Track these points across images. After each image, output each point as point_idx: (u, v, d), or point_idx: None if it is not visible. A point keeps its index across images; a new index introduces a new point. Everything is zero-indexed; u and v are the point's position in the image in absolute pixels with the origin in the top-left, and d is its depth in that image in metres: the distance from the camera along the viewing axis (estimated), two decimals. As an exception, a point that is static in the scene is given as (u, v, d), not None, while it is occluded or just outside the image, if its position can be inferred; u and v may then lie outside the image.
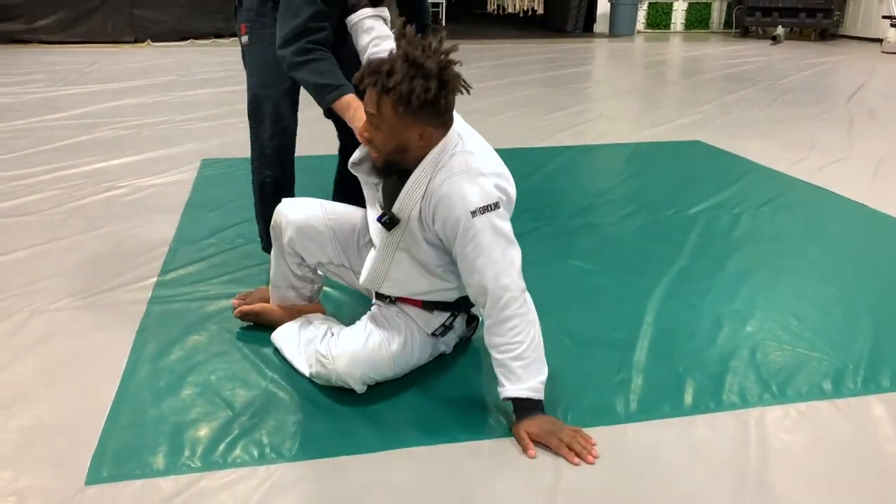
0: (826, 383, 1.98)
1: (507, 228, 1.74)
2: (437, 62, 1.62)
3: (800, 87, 6.84)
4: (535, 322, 1.75)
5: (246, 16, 2.33)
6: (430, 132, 1.70)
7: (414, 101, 1.60)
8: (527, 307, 1.74)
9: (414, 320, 1.93)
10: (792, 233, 3.12)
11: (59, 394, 1.90)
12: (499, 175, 1.79)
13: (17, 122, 4.94)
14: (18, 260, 2.74)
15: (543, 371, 1.74)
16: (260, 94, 2.36)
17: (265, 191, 2.47)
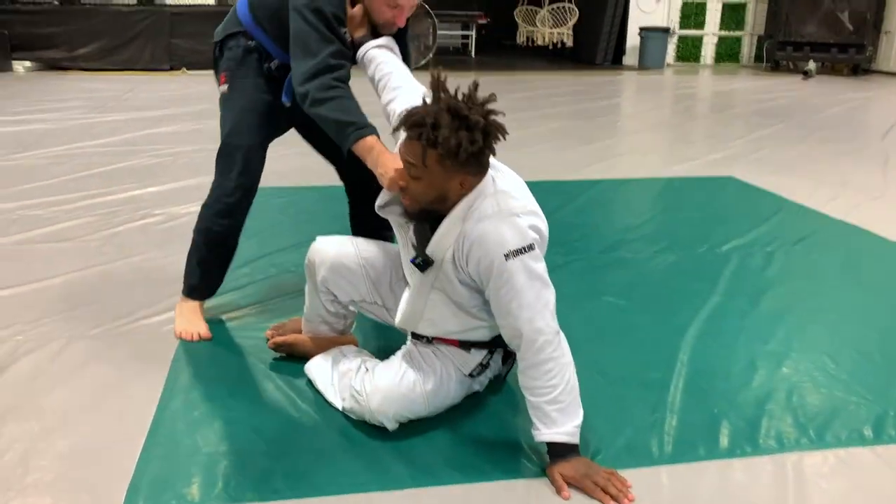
0: (866, 429, 1.95)
1: (542, 270, 1.74)
2: (481, 114, 1.62)
3: (833, 123, 6.79)
4: (570, 365, 1.75)
5: (226, 65, 2.30)
6: (471, 180, 1.71)
7: (462, 154, 1.60)
8: (561, 350, 1.74)
9: (451, 360, 1.93)
10: (827, 272, 3.08)
11: (95, 421, 1.93)
12: (532, 213, 1.78)
13: (57, 147, 5.05)
14: (57, 285, 2.79)
15: (579, 414, 1.73)
16: (233, 143, 2.31)
17: (210, 237, 2.38)
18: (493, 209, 1.71)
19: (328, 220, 3.58)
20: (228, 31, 2.30)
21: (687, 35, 12.21)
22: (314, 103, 2.04)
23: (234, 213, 2.37)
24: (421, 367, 1.90)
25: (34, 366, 2.20)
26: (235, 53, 2.28)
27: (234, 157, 2.32)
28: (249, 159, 2.33)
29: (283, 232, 3.44)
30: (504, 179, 1.80)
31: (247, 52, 2.27)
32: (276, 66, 2.27)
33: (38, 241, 3.27)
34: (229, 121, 2.33)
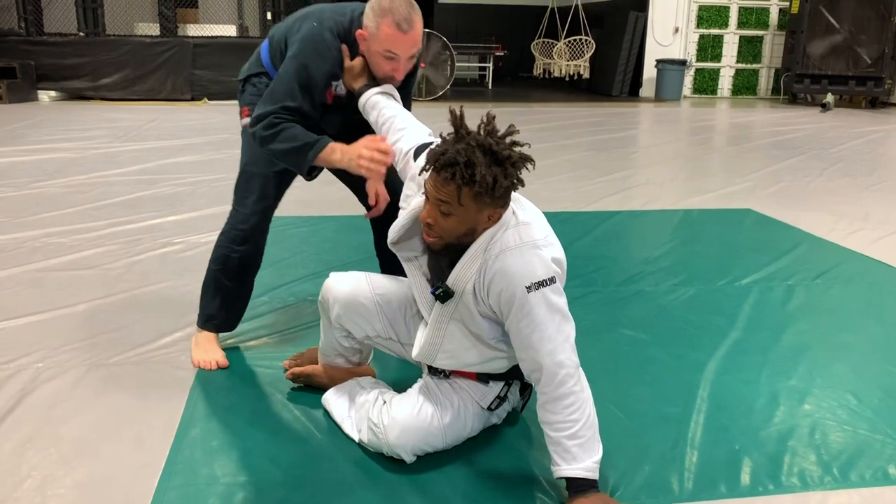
0: (891, 468, 1.91)
1: (562, 304, 1.74)
2: (509, 147, 1.64)
3: (851, 155, 6.77)
4: (590, 399, 1.75)
5: (249, 100, 2.35)
6: (500, 212, 1.72)
7: (498, 189, 1.62)
8: (581, 384, 1.73)
9: (469, 393, 1.92)
10: (849, 306, 3.06)
11: (114, 450, 1.93)
12: (552, 245, 1.78)
13: (80, 176, 5.13)
14: (79, 313, 2.81)
15: (598, 450, 1.72)
16: (250, 171, 2.35)
17: (228, 266, 2.40)
18: (515, 241, 1.71)
19: (349, 250, 3.61)
20: (252, 72, 2.38)
21: (704, 67, 12.27)
22: (263, 142, 2.11)
23: (249, 239, 2.39)
24: (438, 401, 1.89)
25: (54, 393, 2.21)
26: (258, 89, 2.34)
27: (251, 185, 2.37)
28: (266, 187, 2.37)
29: (304, 261, 3.46)
30: (524, 211, 1.80)
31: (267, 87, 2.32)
32: None
33: (61, 268, 3.30)
34: (250, 151, 2.37)
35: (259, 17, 10.73)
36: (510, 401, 2.00)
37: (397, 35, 2.06)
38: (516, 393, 2.02)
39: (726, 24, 12.16)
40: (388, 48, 2.09)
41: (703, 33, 12.12)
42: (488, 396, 1.94)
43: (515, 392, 2.01)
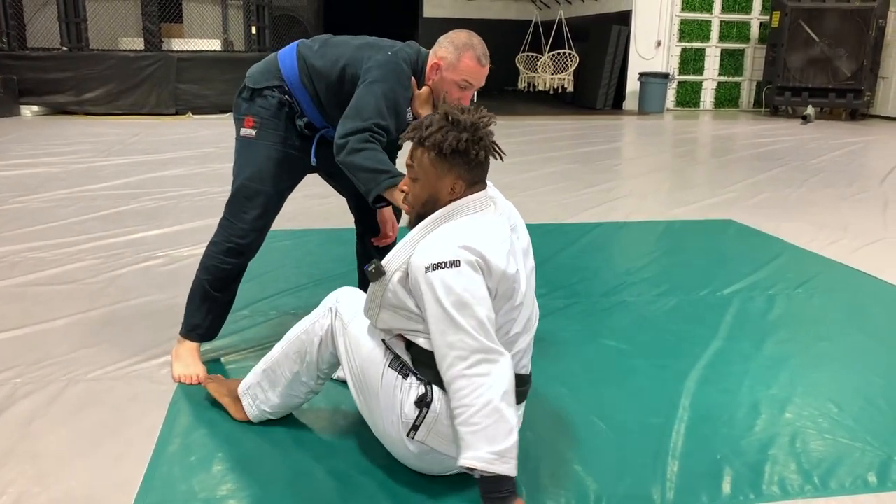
0: (870, 476, 1.92)
1: (466, 287, 1.63)
2: (471, 119, 1.73)
3: (832, 167, 6.84)
4: (495, 386, 1.60)
5: (258, 111, 2.36)
6: (461, 185, 1.75)
7: (446, 148, 1.71)
8: (480, 369, 1.60)
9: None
10: (829, 316, 3.08)
11: (91, 466, 1.91)
12: (479, 251, 1.66)
13: (62, 191, 5.10)
14: (57, 329, 2.79)
15: (501, 441, 1.57)
16: (254, 187, 2.36)
17: (217, 277, 2.41)
18: (447, 231, 1.71)
19: (331, 263, 3.60)
20: (267, 84, 2.36)
21: (686, 80, 12.38)
22: (351, 152, 2.15)
23: (243, 254, 2.41)
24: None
25: (32, 409, 2.18)
26: (270, 103, 2.36)
27: (253, 201, 2.38)
28: (268, 205, 2.40)
29: (286, 275, 3.45)
30: (486, 222, 1.75)
31: (281, 104, 2.36)
32: (306, 123, 2.38)
33: (41, 283, 3.27)
34: (252, 165, 2.38)
35: (244, 31, 10.74)
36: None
37: (477, 68, 2.25)
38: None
39: (708, 38, 12.29)
40: (465, 78, 2.25)
41: (686, 47, 12.23)
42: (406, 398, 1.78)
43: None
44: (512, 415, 1.61)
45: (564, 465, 1.95)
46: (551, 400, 2.30)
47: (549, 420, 2.18)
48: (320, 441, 2.04)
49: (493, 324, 1.66)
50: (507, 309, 1.73)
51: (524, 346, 1.84)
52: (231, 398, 2.14)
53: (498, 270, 1.68)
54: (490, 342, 1.63)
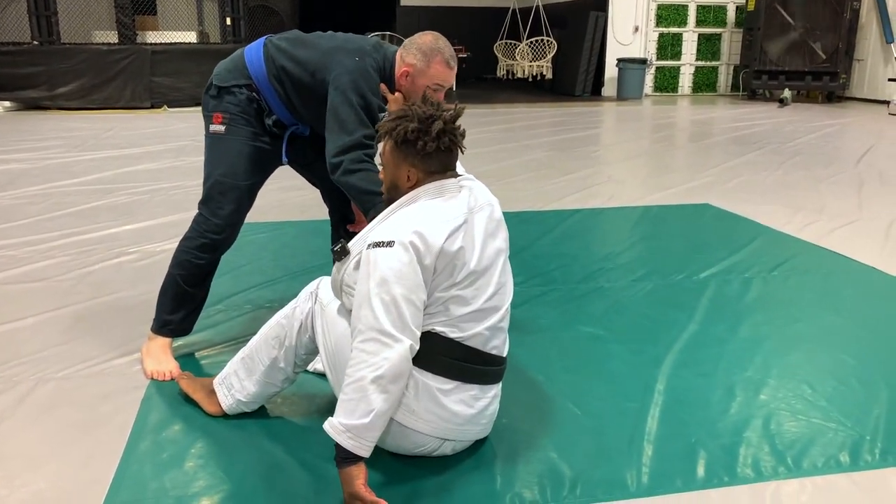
0: (843, 455, 1.93)
1: (388, 265, 1.67)
2: (426, 113, 1.80)
3: (808, 149, 6.88)
4: (373, 367, 1.62)
5: (226, 108, 2.35)
6: (417, 175, 1.83)
7: (397, 138, 1.81)
8: (369, 346, 1.64)
9: None
10: (804, 298, 3.09)
11: (61, 466, 1.88)
12: (418, 231, 1.72)
13: (34, 187, 5.02)
14: (26, 327, 2.74)
15: (356, 418, 1.62)
16: (227, 183, 2.36)
17: (191, 272, 2.40)
18: (396, 217, 1.79)
19: (308, 255, 3.57)
20: (235, 82, 2.36)
21: (664, 66, 12.39)
22: (346, 173, 2.23)
23: (217, 249, 2.42)
24: None
25: (0, 410, 2.15)
26: (239, 99, 2.36)
27: (227, 196, 2.37)
28: (241, 200, 2.41)
29: (261, 268, 3.41)
30: (435, 205, 1.79)
31: (250, 101, 2.37)
32: (274, 121, 2.39)
33: (10, 281, 3.22)
34: (224, 161, 2.38)
35: (219, 23, 10.62)
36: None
37: (446, 71, 2.32)
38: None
39: (685, 23, 12.29)
40: (438, 82, 2.32)
41: (663, 32, 12.24)
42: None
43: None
44: (380, 401, 1.63)
45: (539, 451, 1.95)
46: (527, 386, 2.29)
47: (525, 407, 2.17)
48: (293, 434, 2.02)
49: (413, 304, 1.68)
50: (447, 285, 1.75)
51: (490, 326, 1.82)
52: (204, 392, 2.11)
53: (435, 247, 1.72)
54: (391, 326, 1.65)
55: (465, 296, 1.77)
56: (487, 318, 1.82)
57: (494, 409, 1.93)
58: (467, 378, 1.81)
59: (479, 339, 1.81)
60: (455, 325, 1.77)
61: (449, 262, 1.74)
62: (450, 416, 1.80)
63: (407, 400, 1.76)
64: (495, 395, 1.91)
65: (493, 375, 1.88)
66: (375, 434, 1.66)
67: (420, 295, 1.71)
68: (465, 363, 1.80)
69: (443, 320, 1.77)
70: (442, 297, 1.75)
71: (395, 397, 1.67)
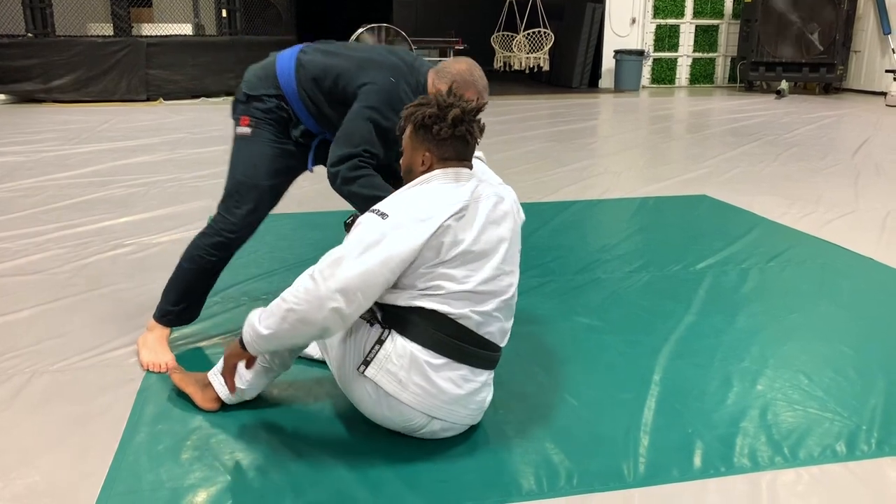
0: (839, 445, 1.94)
1: (373, 234, 1.75)
2: (446, 101, 1.86)
3: (805, 140, 6.87)
4: (299, 303, 1.72)
5: (254, 112, 2.36)
6: (431, 160, 1.89)
7: (415, 121, 1.88)
8: (311, 284, 1.72)
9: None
10: (801, 288, 3.09)
11: (56, 459, 1.87)
12: (413, 213, 1.80)
13: (29, 180, 5.00)
14: (22, 320, 2.73)
15: (263, 325, 1.77)
16: (248, 183, 2.36)
17: (202, 267, 2.41)
18: (404, 197, 1.86)
19: (305, 247, 3.56)
20: (265, 92, 2.36)
21: (661, 57, 12.37)
22: (345, 181, 2.23)
23: (230, 247, 2.43)
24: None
25: (-5, 402, 2.14)
26: (268, 106, 2.37)
27: (246, 196, 2.38)
28: (261, 201, 2.41)
29: (258, 260, 3.40)
30: (439, 189, 1.85)
31: (279, 109, 2.37)
32: (302, 132, 2.40)
33: (6, 274, 3.21)
34: (247, 162, 2.39)
35: (215, 15, 10.57)
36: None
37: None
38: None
39: (682, 14, 12.26)
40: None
41: (660, 23, 12.20)
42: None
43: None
44: (282, 328, 1.74)
45: (536, 441, 1.95)
46: (523, 377, 2.29)
47: (521, 397, 2.17)
48: (289, 426, 2.02)
49: (375, 279, 1.73)
50: (435, 262, 1.78)
51: (483, 311, 1.84)
52: (198, 386, 2.10)
53: (426, 226, 1.76)
54: (337, 283, 1.70)
55: (455, 275, 1.80)
56: (481, 303, 1.84)
57: (485, 397, 1.93)
58: (457, 356, 1.83)
59: (471, 322, 1.83)
60: (447, 302, 1.80)
61: (437, 241, 1.77)
62: (436, 392, 1.81)
63: (395, 369, 1.79)
64: (486, 383, 1.92)
65: (485, 360, 1.89)
66: (266, 346, 1.81)
67: (388, 271, 1.74)
68: (456, 341, 1.82)
69: (435, 296, 1.80)
70: (430, 273, 1.79)
71: (298, 333, 1.75)
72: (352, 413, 2.03)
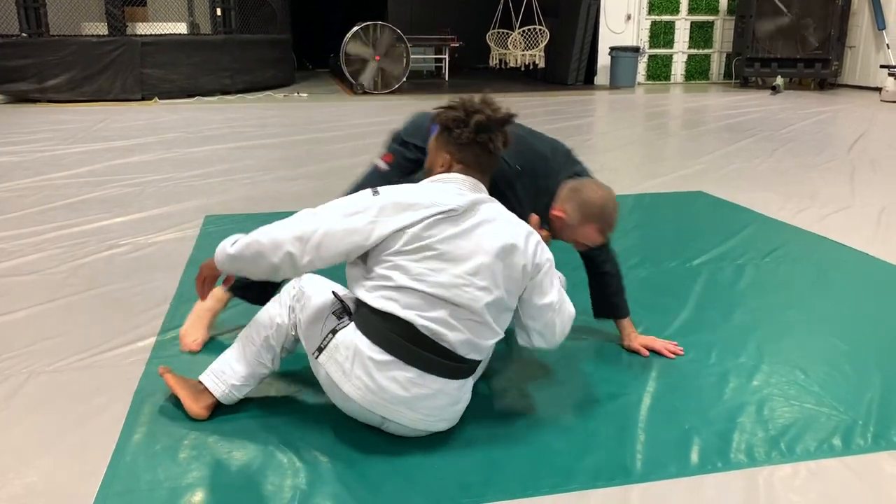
0: (836, 440, 1.94)
1: (358, 201, 1.85)
2: (474, 107, 1.93)
3: (801, 136, 6.88)
4: (264, 234, 1.83)
5: (397, 154, 2.44)
6: (450, 162, 1.96)
7: (440, 122, 1.96)
8: (284, 224, 1.84)
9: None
10: (797, 284, 3.10)
11: (53, 460, 1.87)
12: (405, 198, 1.87)
13: (24, 180, 4.99)
14: (18, 320, 2.73)
15: (231, 244, 1.88)
16: None
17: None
18: (406, 186, 1.94)
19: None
20: (413, 141, 2.43)
21: (657, 54, 12.38)
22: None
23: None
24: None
25: (-8, 403, 2.14)
26: (410, 156, 2.44)
27: None
28: None
29: (253, 259, 3.39)
30: (434, 186, 1.92)
31: (416, 160, 2.43)
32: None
33: (1, 275, 3.20)
34: (369, 185, 2.47)
35: (209, 13, 10.55)
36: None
37: (598, 238, 2.25)
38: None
39: (677, 10, 12.28)
40: (585, 243, 2.28)
41: (655, 20, 12.22)
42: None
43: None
44: (242, 252, 1.85)
45: (533, 439, 1.95)
46: (519, 374, 2.29)
47: (516, 394, 2.18)
48: (287, 425, 2.01)
49: (335, 242, 1.80)
50: (392, 251, 1.82)
51: (436, 318, 1.80)
52: (190, 390, 2.06)
53: (404, 216, 1.83)
54: (300, 229, 1.82)
55: (409, 268, 1.80)
56: (430, 308, 1.80)
57: (443, 405, 1.86)
58: (405, 357, 1.80)
59: (419, 325, 1.79)
60: (395, 298, 1.80)
61: (408, 232, 1.81)
62: (377, 389, 1.80)
63: (341, 359, 1.83)
64: (442, 391, 1.84)
65: (439, 367, 1.82)
66: (229, 266, 1.90)
67: (349, 242, 1.81)
68: (404, 340, 1.79)
69: (386, 288, 1.81)
70: (388, 262, 1.82)
71: (255, 265, 1.85)
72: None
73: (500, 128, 1.94)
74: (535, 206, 2.27)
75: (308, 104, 9.46)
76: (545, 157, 2.36)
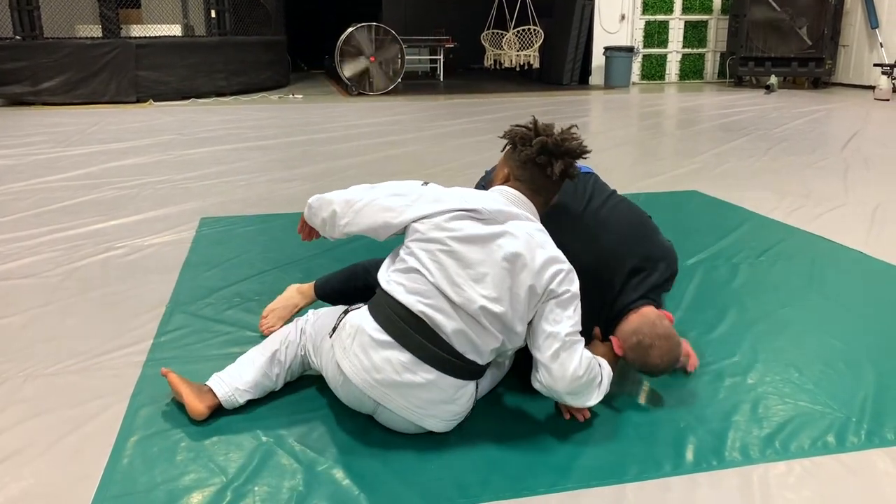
0: (830, 437, 1.95)
1: (408, 186, 2.01)
2: (540, 127, 2.03)
3: (794, 135, 6.91)
4: (339, 195, 2.07)
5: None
6: (508, 177, 2.05)
7: (509, 137, 2.06)
8: (353, 189, 2.07)
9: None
10: (791, 282, 3.11)
11: (50, 463, 1.87)
12: (440, 195, 1.98)
13: (19, 183, 4.98)
14: (14, 324, 2.73)
15: (315, 199, 2.13)
16: None
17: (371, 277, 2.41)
18: (459, 188, 2.05)
19: (297, 248, 3.56)
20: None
21: (651, 53, 12.41)
22: None
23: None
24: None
25: (-12, 407, 2.14)
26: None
27: None
28: None
29: (250, 260, 3.40)
30: (476, 191, 2.04)
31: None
32: None
33: (-3, 278, 3.20)
34: None
35: (204, 15, 10.54)
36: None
37: (642, 371, 2.13)
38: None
39: (671, 10, 12.31)
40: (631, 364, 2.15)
41: (649, 19, 12.25)
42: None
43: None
44: (319, 203, 2.12)
45: (529, 438, 1.96)
46: (514, 372, 2.30)
47: (514, 394, 2.18)
48: (285, 427, 2.02)
49: (371, 206, 1.99)
50: (415, 238, 1.93)
51: (432, 305, 1.85)
52: (193, 389, 2.07)
53: (434, 207, 1.94)
54: (355, 191, 2.06)
55: (420, 256, 1.88)
56: (433, 297, 1.85)
57: (432, 399, 1.85)
58: (401, 339, 1.84)
59: (421, 312, 1.84)
60: (403, 283, 1.88)
61: (426, 217, 1.92)
62: (370, 368, 1.84)
63: (345, 336, 1.91)
64: (435, 384, 1.83)
65: (435, 358, 1.83)
66: (306, 214, 2.17)
67: (380, 219, 1.97)
68: (402, 322, 1.85)
69: (398, 272, 1.91)
70: (407, 248, 1.92)
71: (319, 212, 2.11)
72: (347, 413, 2.04)
73: (563, 156, 1.99)
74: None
75: (303, 105, 9.46)
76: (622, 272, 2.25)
